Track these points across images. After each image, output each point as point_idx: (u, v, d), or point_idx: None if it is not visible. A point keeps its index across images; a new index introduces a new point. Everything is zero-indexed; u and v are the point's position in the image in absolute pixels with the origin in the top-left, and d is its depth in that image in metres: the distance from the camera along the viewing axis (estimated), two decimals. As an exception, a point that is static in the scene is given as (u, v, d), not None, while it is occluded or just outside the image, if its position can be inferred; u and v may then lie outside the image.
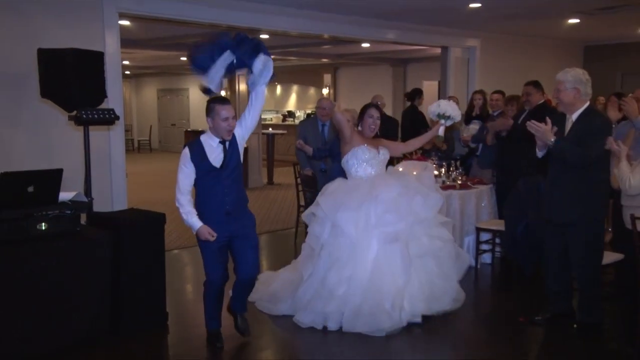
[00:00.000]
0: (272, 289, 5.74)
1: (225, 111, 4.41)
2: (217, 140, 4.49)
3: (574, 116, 4.92)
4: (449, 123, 5.83)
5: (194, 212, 4.49)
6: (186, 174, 4.47)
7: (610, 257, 5.30)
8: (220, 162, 4.49)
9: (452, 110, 5.74)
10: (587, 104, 4.94)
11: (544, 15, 9.34)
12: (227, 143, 4.51)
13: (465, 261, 5.73)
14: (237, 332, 4.85)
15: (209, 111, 4.46)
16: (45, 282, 4.55)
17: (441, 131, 5.81)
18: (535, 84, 6.99)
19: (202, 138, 4.55)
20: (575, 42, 13.07)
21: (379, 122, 5.65)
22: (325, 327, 5.02)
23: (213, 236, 4.45)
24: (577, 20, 9.93)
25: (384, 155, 5.60)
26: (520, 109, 7.23)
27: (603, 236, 5.19)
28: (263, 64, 4.53)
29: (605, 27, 10.96)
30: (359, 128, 5.65)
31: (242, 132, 4.64)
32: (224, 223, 4.53)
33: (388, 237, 5.13)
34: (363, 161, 5.46)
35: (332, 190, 5.45)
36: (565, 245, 5.02)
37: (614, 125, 5.99)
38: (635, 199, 4.71)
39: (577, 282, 5.17)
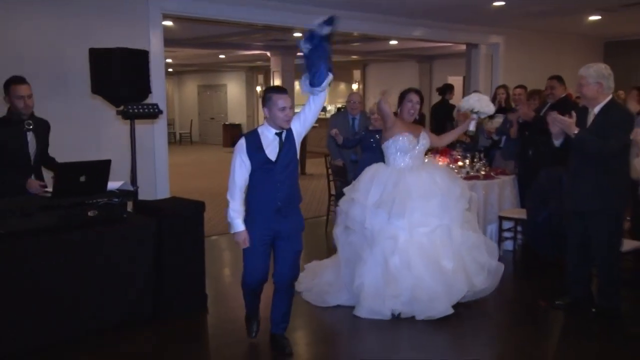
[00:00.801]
0: (321, 280, 5.63)
1: (282, 100, 4.02)
2: (274, 131, 4.11)
3: (596, 109, 4.84)
4: (481, 117, 5.62)
5: (242, 212, 4.12)
6: (241, 166, 4.08)
7: (629, 245, 5.24)
8: (276, 156, 4.10)
9: (485, 106, 5.50)
10: (610, 97, 4.85)
11: (565, 12, 9.22)
12: (283, 135, 4.13)
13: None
14: (278, 350, 4.40)
15: (266, 101, 4.08)
16: (94, 264, 4.62)
17: (472, 126, 5.52)
18: (559, 79, 6.92)
19: (260, 129, 4.18)
20: (595, 38, 12.88)
21: (418, 106, 5.39)
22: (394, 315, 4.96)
23: (245, 245, 4.13)
24: (599, 17, 9.78)
25: (423, 145, 5.36)
26: (542, 102, 7.14)
27: (623, 225, 5.11)
28: (328, 82, 4.23)
29: (625, 23, 10.77)
30: (398, 111, 5.43)
31: (300, 129, 4.25)
32: (272, 220, 4.15)
33: (428, 233, 5.08)
34: (402, 152, 5.26)
35: (370, 182, 5.30)
36: (586, 234, 4.96)
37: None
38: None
39: (597, 268, 5.11)
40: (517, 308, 5.37)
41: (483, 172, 6.96)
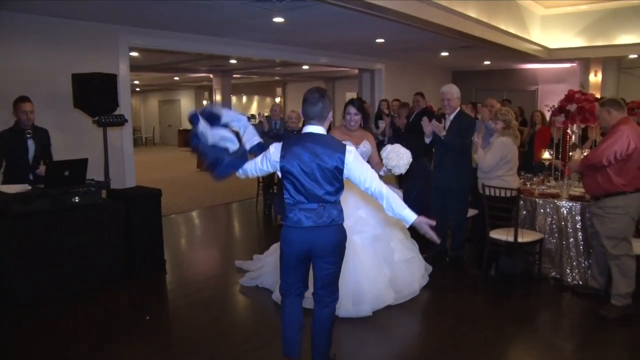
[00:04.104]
0: (260, 265, 4.93)
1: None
2: None
3: (452, 116, 5.05)
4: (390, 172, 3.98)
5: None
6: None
7: (470, 212, 5.46)
8: None
9: (403, 165, 3.85)
10: (459, 108, 5.10)
11: (425, 49, 9.50)
12: None
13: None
14: None
15: (330, 107, 2.83)
16: (78, 239, 4.47)
17: (382, 172, 3.88)
18: (422, 95, 7.16)
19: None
20: (446, 68, 13.44)
21: (356, 117, 4.14)
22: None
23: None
24: (447, 54, 10.16)
25: (363, 151, 4.15)
26: (410, 111, 7.34)
27: (468, 198, 5.35)
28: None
29: (464, 59, 11.31)
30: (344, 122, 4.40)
31: None
32: None
33: (368, 239, 4.25)
34: None
35: None
36: (444, 205, 5.17)
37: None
38: (486, 173, 4.86)
39: (451, 229, 5.34)
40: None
41: (372, 163, 7.06)
